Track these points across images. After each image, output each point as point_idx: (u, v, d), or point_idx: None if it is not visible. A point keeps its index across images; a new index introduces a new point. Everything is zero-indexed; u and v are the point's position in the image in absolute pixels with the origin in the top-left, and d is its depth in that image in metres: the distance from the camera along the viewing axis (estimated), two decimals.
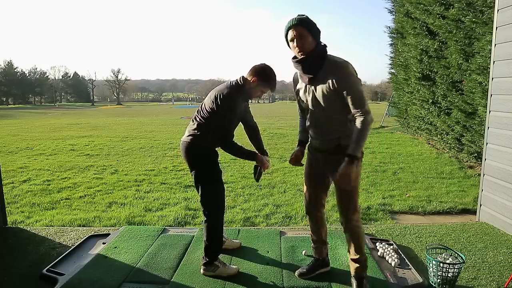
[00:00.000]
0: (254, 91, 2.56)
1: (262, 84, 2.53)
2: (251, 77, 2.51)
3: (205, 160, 2.62)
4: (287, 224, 3.94)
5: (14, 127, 16.96)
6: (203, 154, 2.61)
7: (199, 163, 2.62)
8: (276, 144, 9.98)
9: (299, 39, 2.12)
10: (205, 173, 2.62)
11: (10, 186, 5.62)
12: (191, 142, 2.58)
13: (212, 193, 2.62)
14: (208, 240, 2.63)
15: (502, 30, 3.57)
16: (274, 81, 2.57)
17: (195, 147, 2.58)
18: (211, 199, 2.63)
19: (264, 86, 2.55)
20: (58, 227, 3.75)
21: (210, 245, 2.63)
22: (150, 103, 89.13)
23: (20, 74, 76.47)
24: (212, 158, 2.64)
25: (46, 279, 2.60)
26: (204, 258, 2.64)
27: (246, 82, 2.52)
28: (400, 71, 10.01)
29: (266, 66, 2.55)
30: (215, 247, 2.66)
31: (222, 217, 2.68)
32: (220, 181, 2.67)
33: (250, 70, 2.54)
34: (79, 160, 7.85)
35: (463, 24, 6.67)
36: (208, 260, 2.62)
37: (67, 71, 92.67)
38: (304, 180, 2.59)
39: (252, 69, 2.54)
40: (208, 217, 2.63)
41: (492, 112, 3.75)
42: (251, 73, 2.53)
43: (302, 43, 2.13)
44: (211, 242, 2.63)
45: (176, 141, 10.30)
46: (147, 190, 5.36)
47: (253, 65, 2.55)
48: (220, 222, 2.66)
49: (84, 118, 23.75)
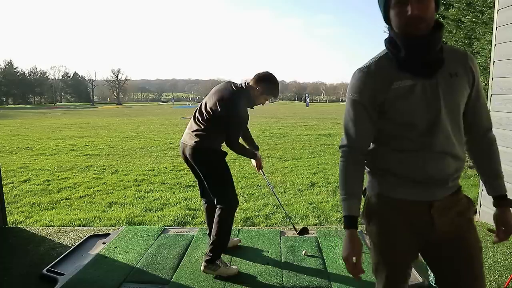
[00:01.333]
0: (258, 99, 2.72)
1: (266, 92, 2.70)
2: (256, 85, 2.66)
3: (219, 162, 2.72)
4: (287, 224, 3.94)
5: (14, 127, 16.96)
6: (217, 157, 2.70)
7: (215, 165, 2.70)
8: (276, 144, 9.98)
9: (419, 1, 1.18)
10: (221, 173, 2.71)
11: (10, 186, 5.62)
12: (199, 145, 2.62)
13: (229, 191, 2.72)
14: (218, 236, 2.64)
15: (502, 30, 3.57)
16: (277, 89, 2.75)
17: (209, 151, 2.66)
18: (229, 197, 2.71)
19: (268, 94, 2.72)
20: (58, 227, 3.76)
21: (218, 242, 2.64)
22: (150, 103, 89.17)
23: (20, 74, 76.60)
24: (224, 159, 2.75)
25: (46, 279, 2.60)
26: (208, 254, 2.63)
27: (250, 89, 2.65)
28: None
29: (269, 74, 2.71)
30: (222, 244, 2.68)
31: (234, 215, 2.77)
32: (231, 179, 2.79)
33: (254, 78, 2.69)
34: (79, 160, 7.85)
35: (463, 24, 6.67)
36: (212, 257, 2.61)
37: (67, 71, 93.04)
38: (376, 260, 1.44)
39: (256, 77, 2.68)
40: (222, 213, 2.66)
41: (492, 112, 3.74)
42: (255, 81, 2.67)
43: (424, 7, 1.18)
44: (219, 239, 2.64)
45: (176, 141, 10.30)
46: (147, 190, 5.36)
47: (257, 73, 2.70)
48: (232, 220, 2.75)
49: (84, 118, 23.75)
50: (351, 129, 1.33)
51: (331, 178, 5.94)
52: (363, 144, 1.36)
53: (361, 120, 1.32)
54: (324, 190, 5.22)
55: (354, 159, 1.35)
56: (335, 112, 29.02)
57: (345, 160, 1.35)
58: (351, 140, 1.34)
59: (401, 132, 1.30)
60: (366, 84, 1.28)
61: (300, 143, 10.22)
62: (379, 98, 1.27)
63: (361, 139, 1.34)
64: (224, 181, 2.71)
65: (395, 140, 1.32)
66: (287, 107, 45.27)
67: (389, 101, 1.27)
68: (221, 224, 2.65)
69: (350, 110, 1.32)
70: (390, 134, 1.32)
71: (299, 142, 10.33)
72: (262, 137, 11.34)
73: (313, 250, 3.03)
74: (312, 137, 11.56)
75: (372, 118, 1.31)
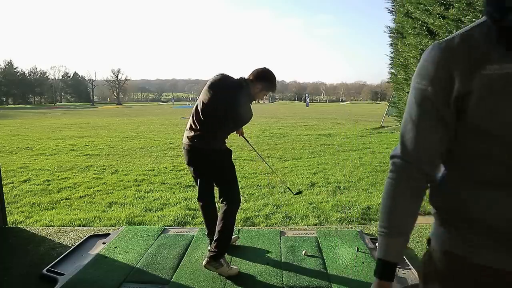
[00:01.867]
0: (257, 95, 2.76)
1: (266, 88, 2.74)
2: (256, 81, 2.69)
3: (229, 161, 2.79)
4: (287, 224, 3.94)
5: (14, 127, 16.96)
6: (227, 156, 2.77)
7: (226, 164, 2.76)
8: (276, 144, 9.98)
9: None
10: (231, 172, 2.79)
11: (10, 186, 5.62)
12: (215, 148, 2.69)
13: (237, 189, 2.82)
14: (223, 232, 2.64)
15: None
16: (275, 84, 2.79)
17: (219, 152, 2.72)
18: (237, 194, 2.80)
19: (268, 89, 2.77)
20: (58, 227, 3.75)
21: (224, 237, 2.64)
22: (150, 103, 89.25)
23: (20, 74, 76.61)
24: (231, 157, 2.81)
25: (46, 279, 2.60)
26: (213, 250, 2.61)
27: (250, 85, 2.68)
28: (400, 71, 10.02)
29: (267, 70, 2.76)
30: (227, 239, 2.69)
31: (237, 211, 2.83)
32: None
33: (253, 74, 2.71)
34: (79, 160, 7.85)
35: (463, 24, 6.67)
36: (217, 252, 2.59)
37: (67, 71, 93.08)
38: None
39: (254, 73, 2.71)
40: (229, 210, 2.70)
41: None
42: (255, 77, 2.70)
43: None
44: (225, 234, 2.65)
45: (176, 141, 10.29)
46: (147, 190, 5.36)
47: (255, 69, 2.74)
48: (235, 216, 2.80)
49: (84, 118, 23.75)
50: (409, 134, 0.88)
51: (331, 178, 5.94)
52: (427, 158, 0.87)
53: (427, 121, 0.85)
54: (324, 190, 5.22)
55: (409, 177, 0.88)
56: (335, 112, 29.04)
57: (395, 178, 0.90)
58: (408, 150, 0.88)
59: (492, 151, 0.78)
60: (441, 66, 0.82)
61: (300, 143, 10.22)
62: (459, 89, 0.79)
63: (423, 151, 0.87)
64: (235, 179, 2.81)
65: (482, 164, 0.81)
66: (287, 107, 45.28)
67: (475, 95, 0.77)
68: (227, 219, 2.67)
69: (413, 105, 0.87)
70: (473, 152, 0.82)
71: (299, 142, 10.33)
72: (262, 137, 11.34)
73: (313, 250, 3.02)
74: (312, 137, 11.55)
75: (444, 120, 0.83)
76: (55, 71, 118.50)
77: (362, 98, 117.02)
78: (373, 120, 18.89)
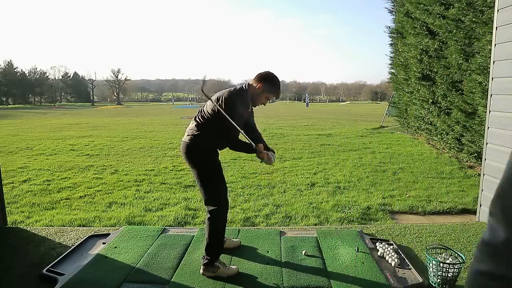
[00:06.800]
0: (259, 98, 2.67)
1: (268, 91, 2.65)
2: (257, 84, 2.63)
3: (205, 159, 2.65)
4: (287, 224, 3.94)
5: (14, 127, 16.95)
6: (203, 153, 2.64)
7: (200, 162, 2.64)
8: (276, 144, 9.97)
9: None
10: (206, 171, 2.64)
11: (10, 186, 5.62)
12: (190, 142, 2.61)
13: (214, 191, 2.64)
14: (210, 238, 2.63)
15: (502, 30, 3.57)
16: (279, 88, 2.71)
17: (195, 147, 2.61)
18: (214, 197, 2.64)
19: (269, 93, 2.68)
20: (58, 227, 3.75)
21: (212, 244, 2.63)
22: (150, 103, 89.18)
23: (20, 74, 76.57)
24: (212, 156, 2.68)
25: (46, 279, 2.60)
26: (205, 257, 2.63)
27: (251, 88, 2.63)
28: (400, 71, 10.01)
29: (271, 74, 2.68)
30: (217, 245, 2.66)
31: (224, 215, 2.70)
32: (222, 179, 2.70)
33: (256, 77, 2.67)
34: (79, 160, 7.85)
35: (463, 24, 6.67)
36: (210, 259, 2.62)
37: (67, 71, 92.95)
38: None
39: (257, 76, 2.66)
40: (211, 214, 2.63)
41: (492, 112, 3.75)
42: (257, 80, 2.65)
43: None
44: (213, 241, 2.63)
45: (176, 141, 10.30)
46: (147, 190, 5.36)
47: (258, 72, 2.68)
48: (222, 221, 2.68)
49: (84, 118, 23.75)
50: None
51: (331, 178, 5.94)
52: None
53: None
54: (324, 190, 5.22)
55: None
56: (335, 112, 29.03)
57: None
58: None
59: None
60: None
61: (300, 143, 10.22)
62: None
63: None
64: (211, 180, 2.63)
65: None
66: (287, 107, 45.27)
67: None
68: (211, 226, 2.63)
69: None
70: None
71: (299, 142, 10.33)
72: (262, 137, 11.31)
73: (313, 250, 3.03)
74: (312, 137, 11.55)
75: None
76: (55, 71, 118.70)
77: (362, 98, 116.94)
78: (373, 120, 18.89)
